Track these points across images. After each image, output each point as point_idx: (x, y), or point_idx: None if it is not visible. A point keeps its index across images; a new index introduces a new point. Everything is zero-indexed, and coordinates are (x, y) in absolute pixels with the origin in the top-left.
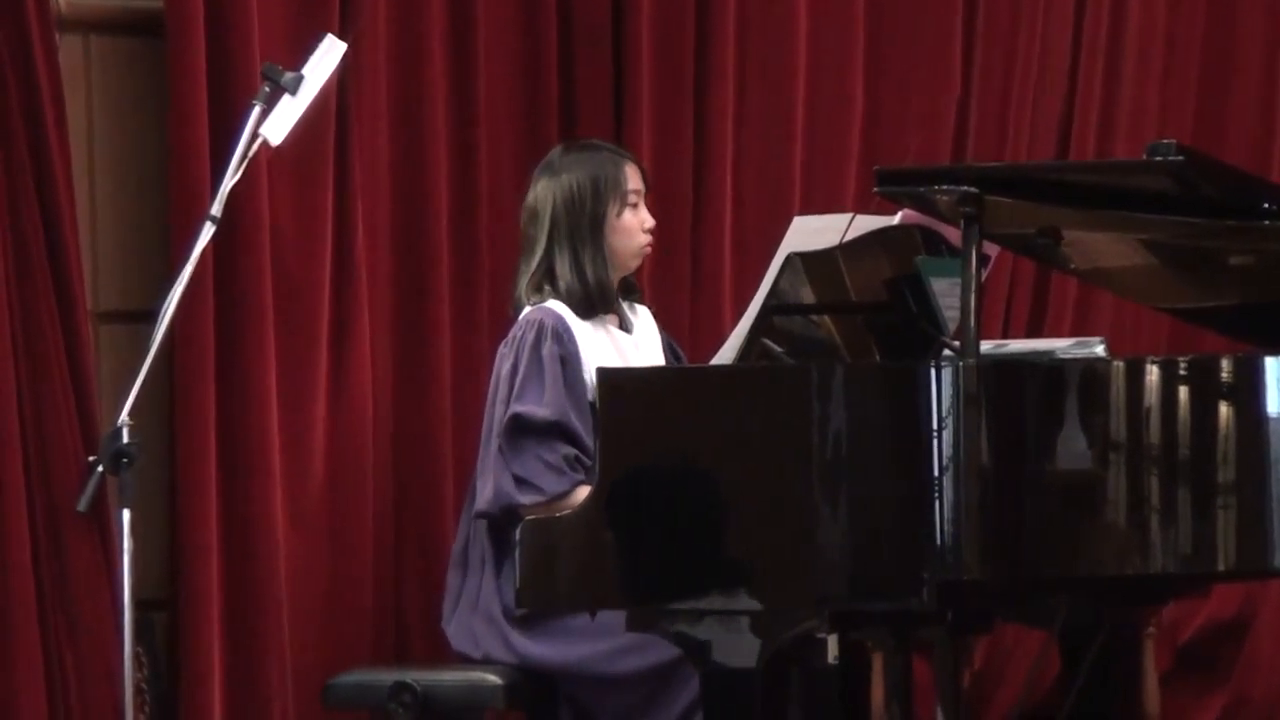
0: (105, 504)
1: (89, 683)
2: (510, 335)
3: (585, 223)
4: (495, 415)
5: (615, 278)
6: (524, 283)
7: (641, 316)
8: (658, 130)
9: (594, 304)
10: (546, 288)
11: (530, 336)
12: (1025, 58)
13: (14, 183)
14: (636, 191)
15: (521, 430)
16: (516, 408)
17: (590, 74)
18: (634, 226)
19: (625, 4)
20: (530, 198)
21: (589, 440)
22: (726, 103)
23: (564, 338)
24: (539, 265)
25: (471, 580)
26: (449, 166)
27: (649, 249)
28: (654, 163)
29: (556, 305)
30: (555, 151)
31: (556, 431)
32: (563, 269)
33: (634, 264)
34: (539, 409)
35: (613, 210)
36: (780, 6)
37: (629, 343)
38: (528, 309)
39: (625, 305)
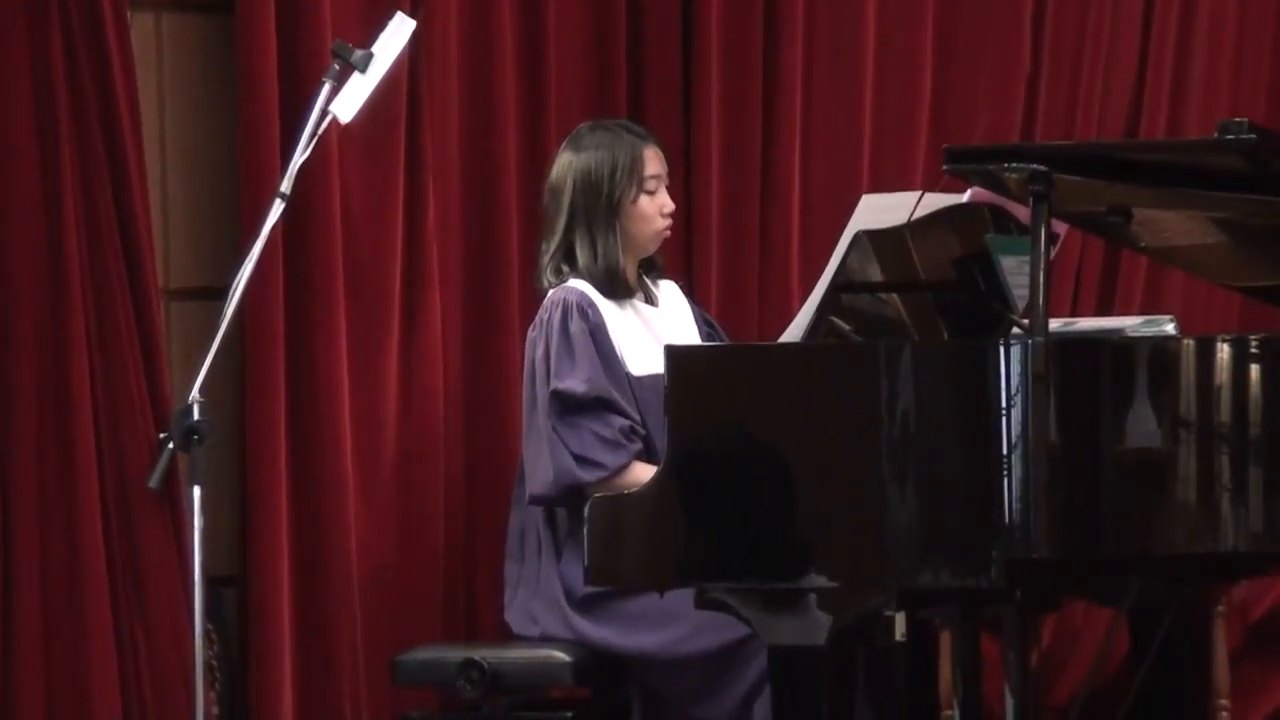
0: (176, 481)
1: (160, 658)
2: (536, 319)
3: (601, 206)
4: (536, 398)
5: (630, 261)
6: (545, 262)
7: (666, 291)
8: (726, 109)
9: (609, 287)
10: (565, 269)
11: (556, 316)
12: (1095, 35)
13: (86, 160)
14: (655, 176)
15: (568, 407)
16: (556, 385)
17: (659, 52)
18: (651, 212)
19: None
20: (552, 174)
21: (633, 410)
22: (795, 80)
23: (589, 313)
24: (559, 246)
25: (529, 566)
26: (519, 142)
27: (667, 233)
28: (723, 140)
29: (579, 283)
30: (582, 128)
31: (602, 405)
32: (581, 251)
33: (652, 248)
34: (578, 385)
35: (629, 195)
36: None
37: (656, 317)
38: (551, 291)
39: (649, 282)
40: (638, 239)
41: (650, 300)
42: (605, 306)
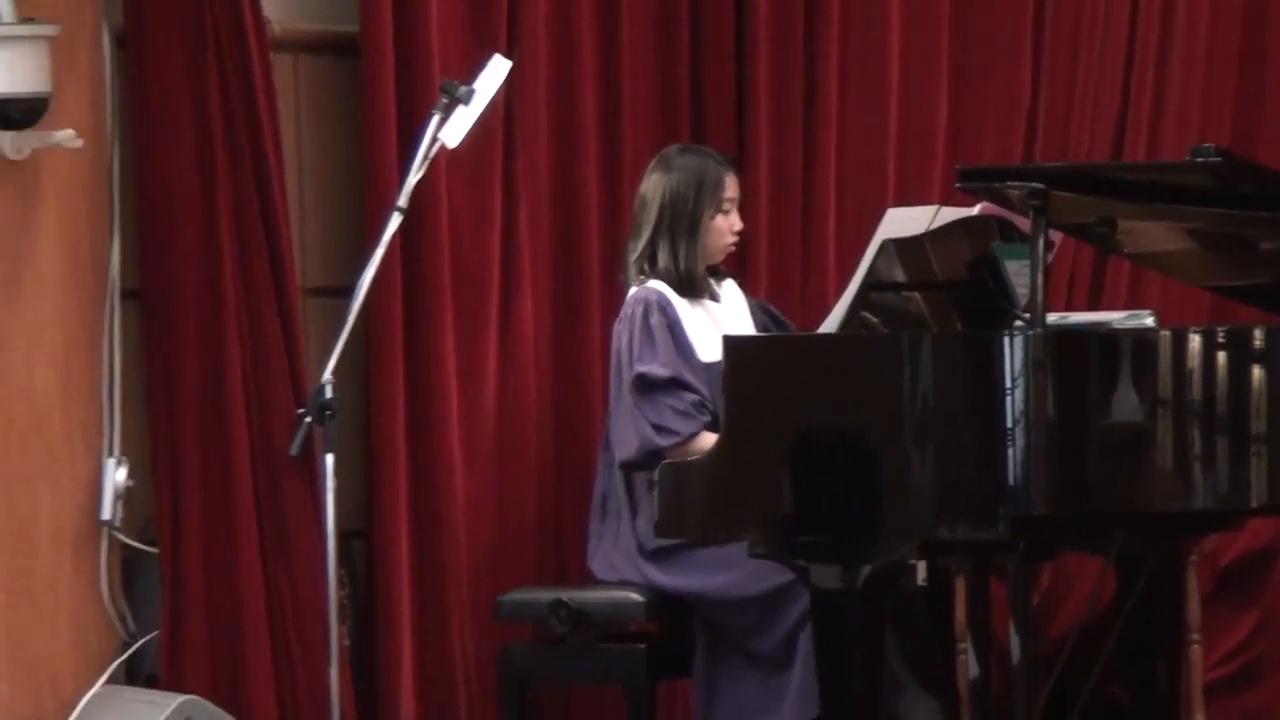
0: (313, 449)
1: (301, 599)
2: (621, 314)
3: (685, 220)
4: (622, 379)
5: (703, 268)
6: (631, 260)
7: (727, 288)
8: (773, 136)
9: (685, 288)
10: (647, 269)
11: (639, 311)
12: (1085, 72)
13: (237, 180)
14: (731, 199)
15: (648, 386)
16: (639, 368)
17: (716, 89)
18: (724, 229)
19: (746, 29)
20: (644, 187)
21: (703, 388)
22: (830, 111)
23: (666, 309)
24: (644, 249)
25: (610, 523)
26: (598, 166)
27: (733, 248)
28: (769, 162)
29: (657, 284)
30: (671, 150)
31: (677, 384)
32: (663, 256)
33: (719, 259)
34: (658, 368)
35: (709, 213)
36: (876, 32)
37: (720, 311)
38: (633, 289)
39: (712, 282)
40: (709, 251)
41: (714, 297)
42: (679, 304)
